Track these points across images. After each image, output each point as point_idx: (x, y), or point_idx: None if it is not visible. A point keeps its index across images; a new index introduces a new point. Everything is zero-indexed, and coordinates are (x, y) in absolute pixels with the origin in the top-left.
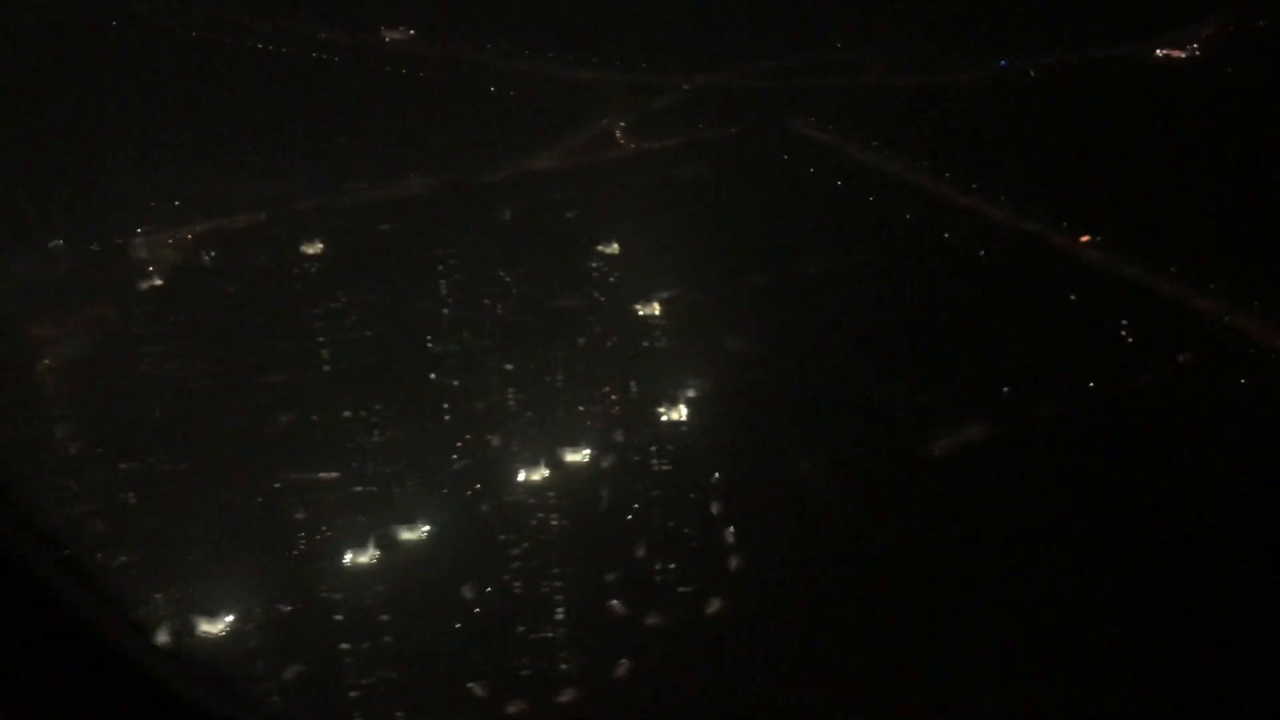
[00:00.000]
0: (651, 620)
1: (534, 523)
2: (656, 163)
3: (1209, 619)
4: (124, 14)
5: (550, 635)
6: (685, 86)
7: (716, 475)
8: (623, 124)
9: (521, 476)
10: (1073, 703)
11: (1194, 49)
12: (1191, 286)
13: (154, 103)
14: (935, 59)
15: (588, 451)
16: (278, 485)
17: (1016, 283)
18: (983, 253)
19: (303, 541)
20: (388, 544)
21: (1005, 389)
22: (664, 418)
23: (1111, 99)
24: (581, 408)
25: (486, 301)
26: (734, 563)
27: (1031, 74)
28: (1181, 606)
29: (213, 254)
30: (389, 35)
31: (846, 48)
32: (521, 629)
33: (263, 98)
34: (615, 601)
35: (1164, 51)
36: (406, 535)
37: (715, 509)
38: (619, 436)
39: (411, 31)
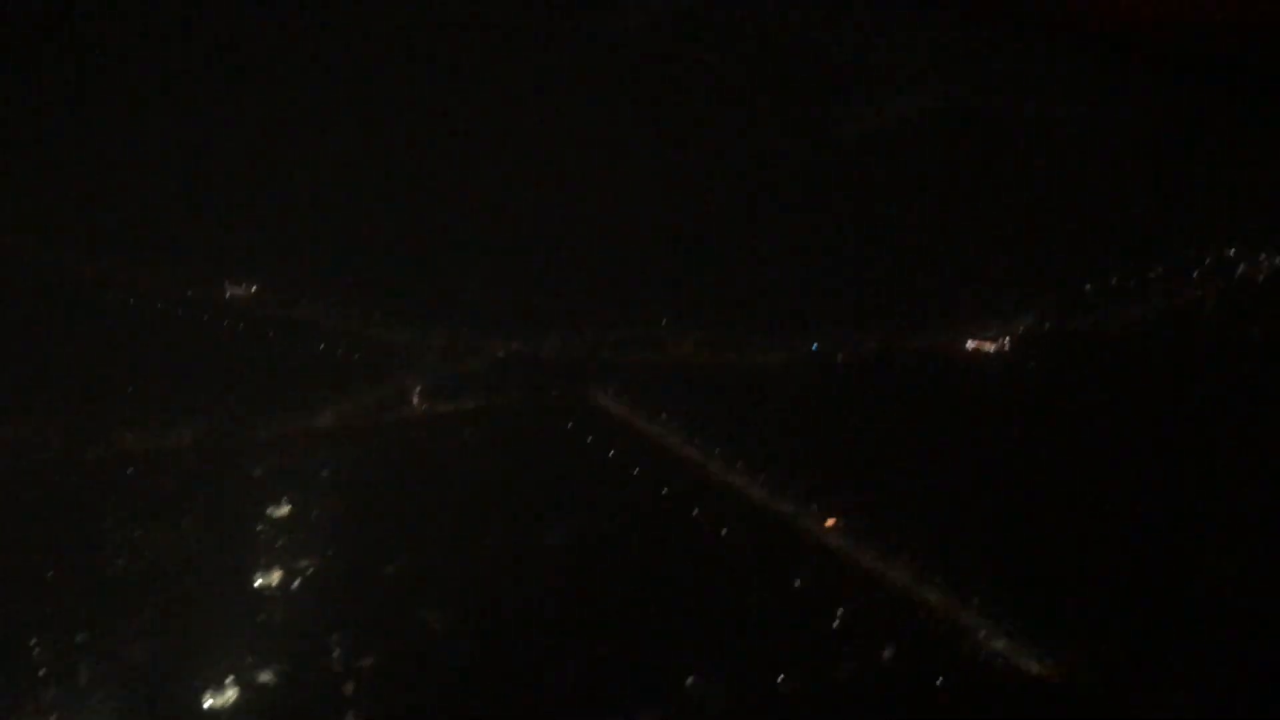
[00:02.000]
0: None
1: None
2: (441, 427)
3: None
4: None
5: None
6: (500, 353)
7: None
8: (420, 386)
9: None
10: None
11: (1004, 344)
12: (921, 579)
13: None
14: (750, 339)
15: None
16: None
17: (745, 565)
18: (724, 532)
19: None
20: None
21: (691, 679)
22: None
23: (912, 388)
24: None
25: (120, 561)
26: None
27: (839, 358)
28: None
29: None
30: (231, 290)
31: (669, 324)
32: None
33: (69, 344)
34: None
35: (974, 344)
36: None
37: None
38: None
39: (254, 288)
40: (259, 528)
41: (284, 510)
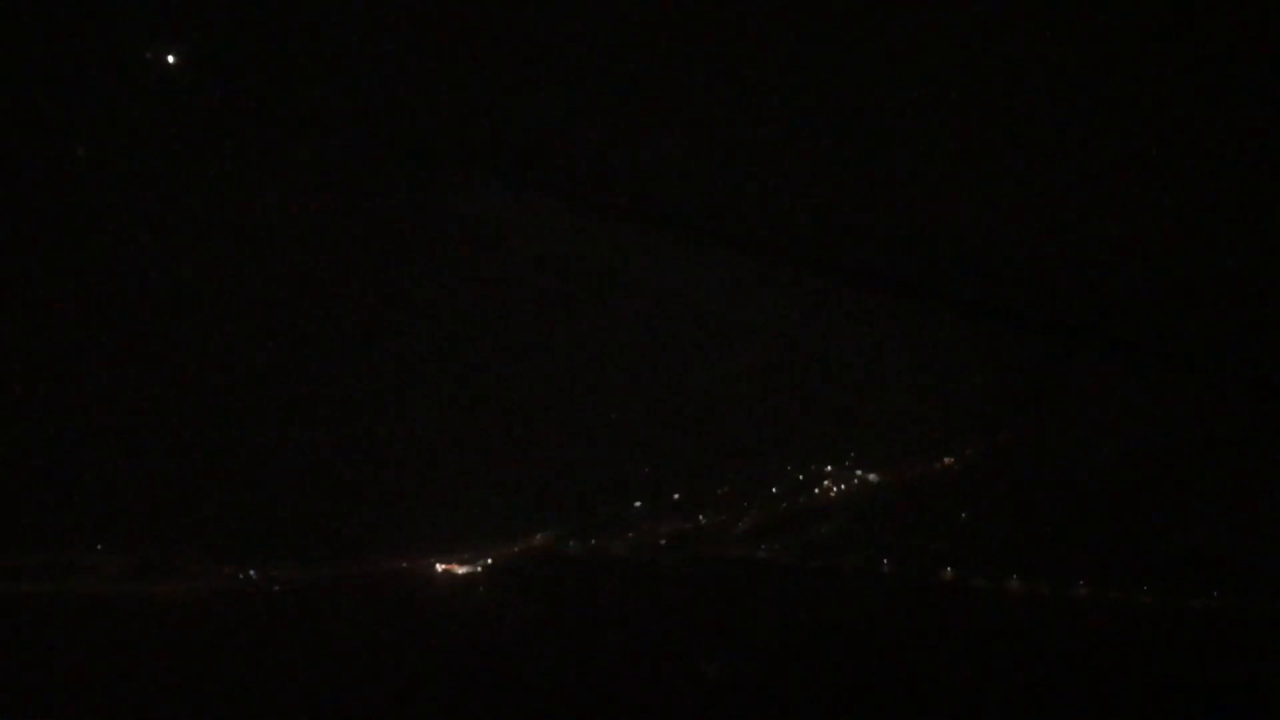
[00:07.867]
0: None
1: None
2: None
3: None
4: None
5: None
6: None
7: None
8: None
9: None
10: None
11: (481, 565)
12: None
13: None
14: (183, 561)
15: None
16: None
17: None
18: None
19: None
20: None
21: None
22: None
23: (379, 614)
24: None
25: None
26: None
27: (290, 586)
28: None
29: None
30: None
31: (83, 549)
32: None
33: None
34: None
35: (444, 567)
36: None
37: None
38: None
39: None
40: None
41: None
